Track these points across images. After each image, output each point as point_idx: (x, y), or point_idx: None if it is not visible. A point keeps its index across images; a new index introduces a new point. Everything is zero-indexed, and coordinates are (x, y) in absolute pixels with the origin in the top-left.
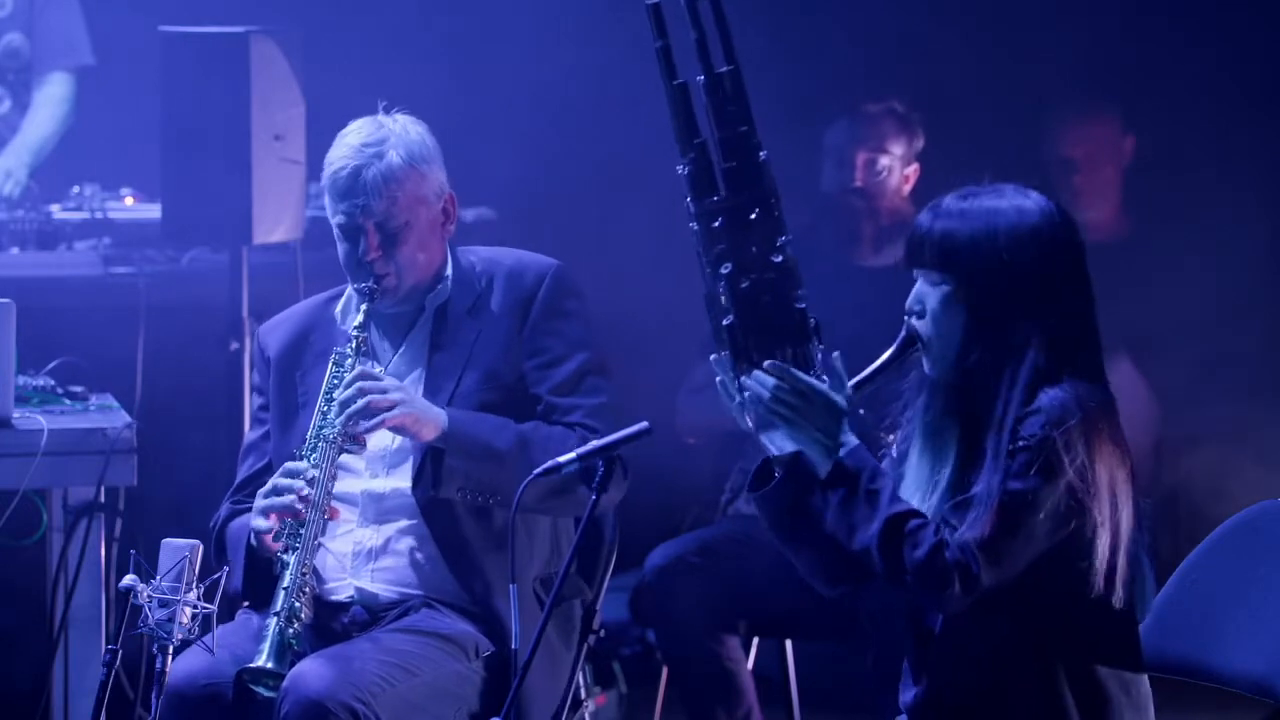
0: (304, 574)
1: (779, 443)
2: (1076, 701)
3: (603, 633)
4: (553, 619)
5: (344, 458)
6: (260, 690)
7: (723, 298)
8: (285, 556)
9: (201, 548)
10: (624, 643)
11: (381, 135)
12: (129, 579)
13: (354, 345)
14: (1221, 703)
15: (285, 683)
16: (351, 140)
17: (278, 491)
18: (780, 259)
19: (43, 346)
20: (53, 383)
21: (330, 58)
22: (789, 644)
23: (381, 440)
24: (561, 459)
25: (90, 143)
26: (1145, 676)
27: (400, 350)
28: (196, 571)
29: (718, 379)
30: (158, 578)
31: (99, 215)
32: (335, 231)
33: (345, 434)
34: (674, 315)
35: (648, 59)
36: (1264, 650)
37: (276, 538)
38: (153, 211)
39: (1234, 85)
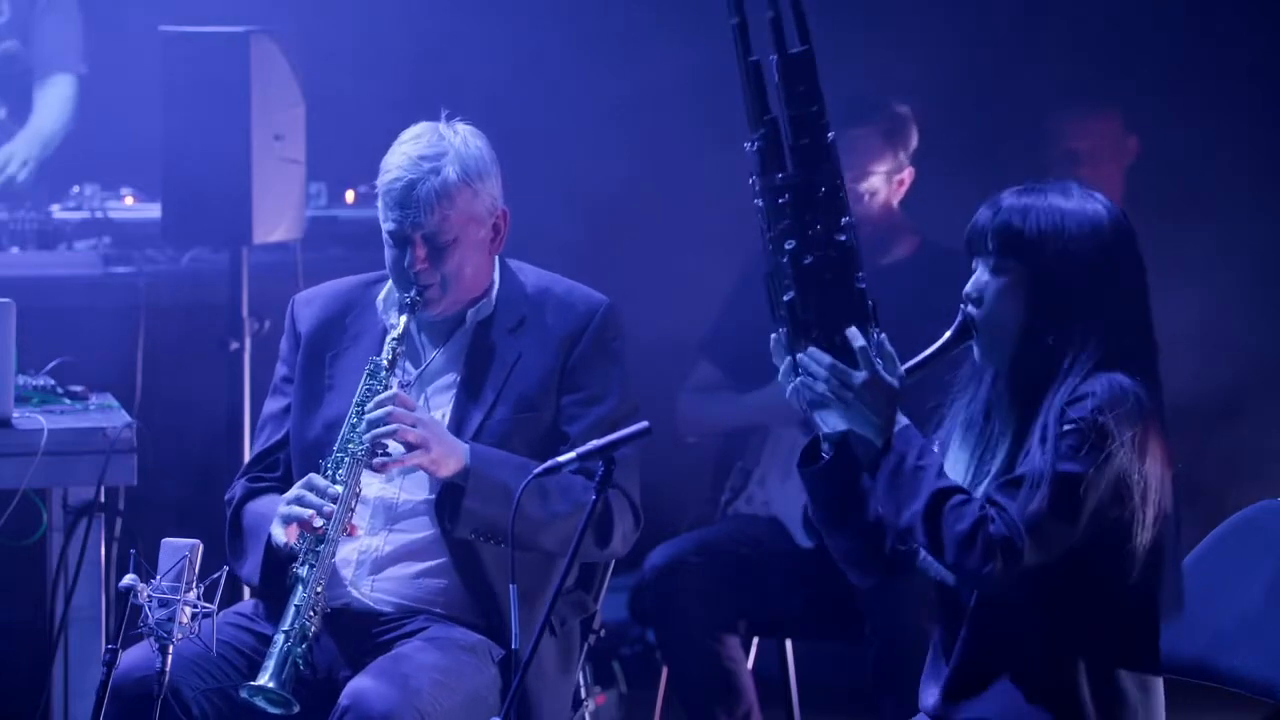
0: (318, 591)
1: (831, 421)
2: (1093, 697)
3: (603, 633)
4: (557, 639)
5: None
6: (260, 704)
7: (785, 273)
8: (300, 570)
9: (201, 547)
10: (624, 643)
11: (440, 149)
12: (129, 579)
13: (390, 357)
14: (1222, 702)
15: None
16: (409, 150)
17: (302, 503)
18: (844, 238)
19: (43, 346)
20: (53, 383)
21: (330, 58)
22: (789, 644)
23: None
24: (561, 458)
25: (90, 143)
26: (1160, 681)
27: (440, 351)
28: (196, 571)
29: (777, 361)
30: (158, 577)
31: (99, 215)
32: (385, 236)
33: (371, 452)
34: (675, 315)
35: (649, 60)
36: (1265, 649)
37: (294, 551)
38: (153, 211)
39: (1234, 86)
